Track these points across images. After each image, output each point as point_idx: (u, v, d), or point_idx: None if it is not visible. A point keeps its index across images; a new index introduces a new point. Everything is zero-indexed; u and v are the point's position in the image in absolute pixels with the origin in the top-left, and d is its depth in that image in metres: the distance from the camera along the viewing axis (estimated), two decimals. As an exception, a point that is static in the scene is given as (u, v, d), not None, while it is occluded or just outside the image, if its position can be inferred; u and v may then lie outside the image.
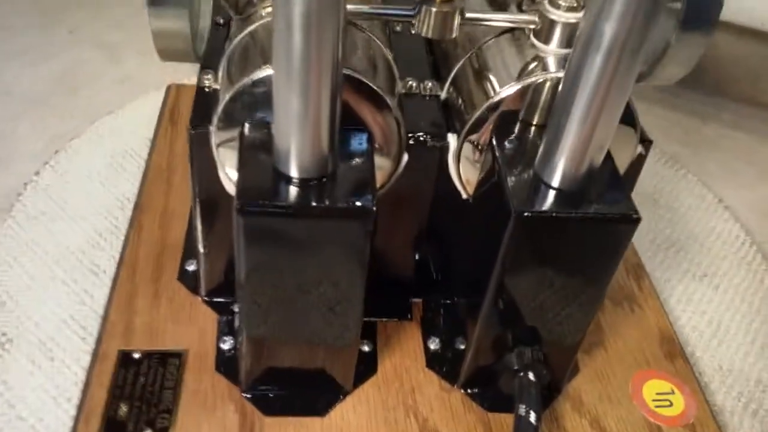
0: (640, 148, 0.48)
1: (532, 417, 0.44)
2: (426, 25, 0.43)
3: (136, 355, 0.51)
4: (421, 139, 0.46)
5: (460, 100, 0.49)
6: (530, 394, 0.45)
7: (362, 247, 0.40)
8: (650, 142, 0.48)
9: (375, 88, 0.42)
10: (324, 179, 0.39)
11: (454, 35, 0.44)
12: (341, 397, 0.50)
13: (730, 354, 0.61)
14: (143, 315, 0.54)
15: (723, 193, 0.79)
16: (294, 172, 0.39)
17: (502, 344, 0.48)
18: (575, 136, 0.39)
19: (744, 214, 0.77)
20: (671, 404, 0.52)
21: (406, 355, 0.53)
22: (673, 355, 0.56)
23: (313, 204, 0.38)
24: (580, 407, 0.51)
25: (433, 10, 0.43)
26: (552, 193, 0.41)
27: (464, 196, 0.49)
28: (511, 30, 0.48)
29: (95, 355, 0.51)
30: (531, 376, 0.46)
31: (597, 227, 0.41)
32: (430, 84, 0.50)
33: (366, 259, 0.41)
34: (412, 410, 0.50)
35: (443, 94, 0.50)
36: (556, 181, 0.41)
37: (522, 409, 0.45)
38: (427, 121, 0.47)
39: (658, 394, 0.52)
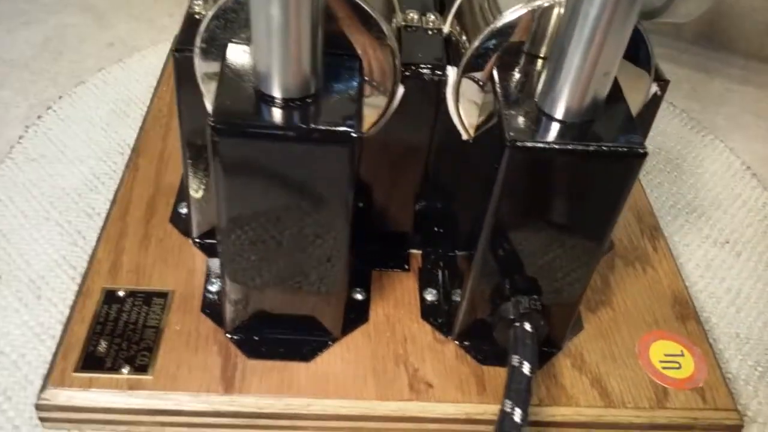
0: (655, 88, 0.45)
1: (526, 368, 0.41)
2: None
3: (121, 293, 0.49)
4: (419, 70, 0.43)
5: (463, 34, 0.46)
6: (525, 345, 0.42)
7: (345, 176, 0.38)
8: (666, 81, 0.45)
9: (367, 9, 0.40)
10: (307, 100, 0.37)
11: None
12: (329, 343, 0.48)
13: (749, 322, 0.57)
14: (131, 254, 0.52)
15: (732, 147, 0.76)
16: (274, 92, 0.36)
17: (499, 294, 0.45)
18: (578, 61, 0.36)
19: (756, 169, 0.73)
20: (680, 366, 0.49)
21: (400, 306, 0.51)
22: (685, 317, 0.52)
23: (291, 124, 0.36)
24: (581, 365, 0.48)
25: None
26: (553, 125, 0.38)
27: (464, 136, 0.46)
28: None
29: (79, 291, 0.50)
30: (527, 326, 0.43)
31: (599, 161, 0.38)
32: (432, 17, 0.47)
33: (350, 192, 0.39)
34: (402, 360, 0.47)
35: (446, 28, 0.47)
36: (558, 113, 0.38)
37: (516, 360, 0.42)
38: (426, 54, 0.44)
39: (666, 355, 0.49)
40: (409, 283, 0.52)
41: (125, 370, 0.45)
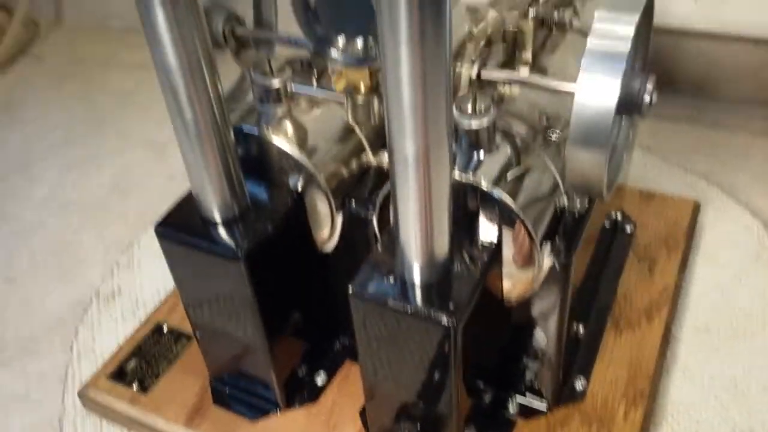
0: (550, 260, 0.46)
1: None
2: (351, 112, 0.49)
3: (165, 329, 0.66)
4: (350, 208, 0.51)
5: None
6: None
7: (239, 291, 0.49)
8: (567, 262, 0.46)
9: (299, 159, 0.50)
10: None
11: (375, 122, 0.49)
12: (276, 411, 0.58)
13: None
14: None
15: (758, 203, 0.72)
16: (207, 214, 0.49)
17: (390, 414, 0.50)
18: (406, 227, 0.41)
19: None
20: None
21: (352, 395, 0.58)
22: None
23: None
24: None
25: (359, 98, 0.48)
26: (393, 282, 0.43)
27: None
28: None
29: (144, 321, 0.68)
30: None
31: (411, 323, 0.42)
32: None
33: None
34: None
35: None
36: (407, 270, 0.43)
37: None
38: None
39: None
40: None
41: (135, 386, 0.61)
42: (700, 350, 0.65)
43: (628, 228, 0.73)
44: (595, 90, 0.40)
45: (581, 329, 0.60)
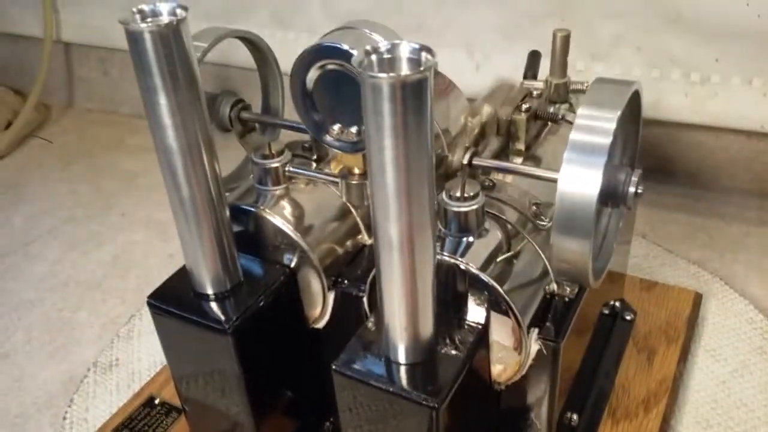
0: (537, 345, 0.46)
1: None
2: (346, 194, 0.51)
3: (156, 401, 0.66)
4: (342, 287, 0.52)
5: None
6: None
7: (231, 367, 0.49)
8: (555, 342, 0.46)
9: (295, 238, 0.51)
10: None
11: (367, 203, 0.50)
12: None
13: None
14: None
15: (754, 293, 0.72)
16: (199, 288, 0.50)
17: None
18: (390, 307, 0.42)
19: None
20: None
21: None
22: None
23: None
24: None
25: (353, 181, 0.50)
26: (377, 360, 0.44)
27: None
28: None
29: (137, 393, 0.68)
30: None
31: (393, 403, 0.42)
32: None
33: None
34: None
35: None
36: (392, 350, 0.44)
37: None
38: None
39: None
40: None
41: (123, 458, 0.61)
42: (700, 445, 0.63)
43: (628, 316, 0.72)
44: (576, 180, 0.42)
45: (575, 418, 0.59)
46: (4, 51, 1.38)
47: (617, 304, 0.72)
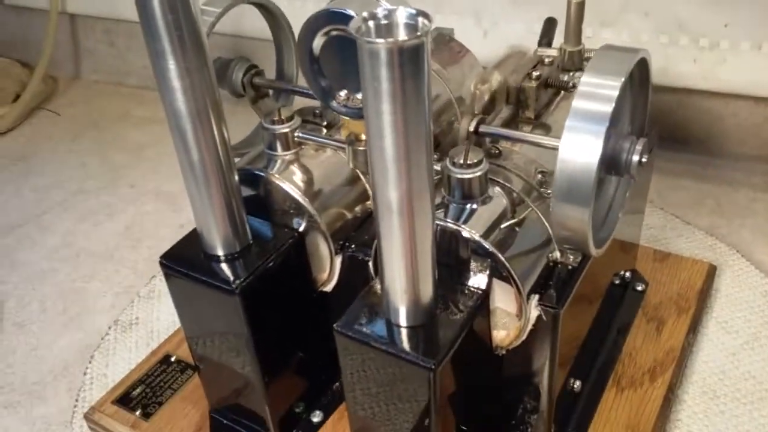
0: (537, 311, 0.47)
1: None
2: (352, 159, 0.52)
3: (173, 359, 0.68)
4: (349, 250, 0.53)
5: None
6: None
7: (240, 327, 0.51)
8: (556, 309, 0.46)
9: (302, 201, 0.52)
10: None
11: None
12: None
13: None
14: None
15: (760, 260, 0.72)
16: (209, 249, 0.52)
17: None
18: (391, 271, 0.43)
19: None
20: None
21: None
22: None
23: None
24: None
25: (359, 146, 0.51)
26: (378, 322, 0.45)
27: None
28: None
29: (154, 351, 0.70)
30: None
31: (393, 364, 0.43)
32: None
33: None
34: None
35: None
36: (392, 312, 0.45)
37: None
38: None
39: None
40: None
41: (138, 412, 0.63)
42: (705, 415, 0.64)
43: (639, 286, 0.72)
44: (577, 148, 0.42)
45: (578, 384, 0.60)
46: (9, 23, 1.39)
47: (628, 274, 0.72)
